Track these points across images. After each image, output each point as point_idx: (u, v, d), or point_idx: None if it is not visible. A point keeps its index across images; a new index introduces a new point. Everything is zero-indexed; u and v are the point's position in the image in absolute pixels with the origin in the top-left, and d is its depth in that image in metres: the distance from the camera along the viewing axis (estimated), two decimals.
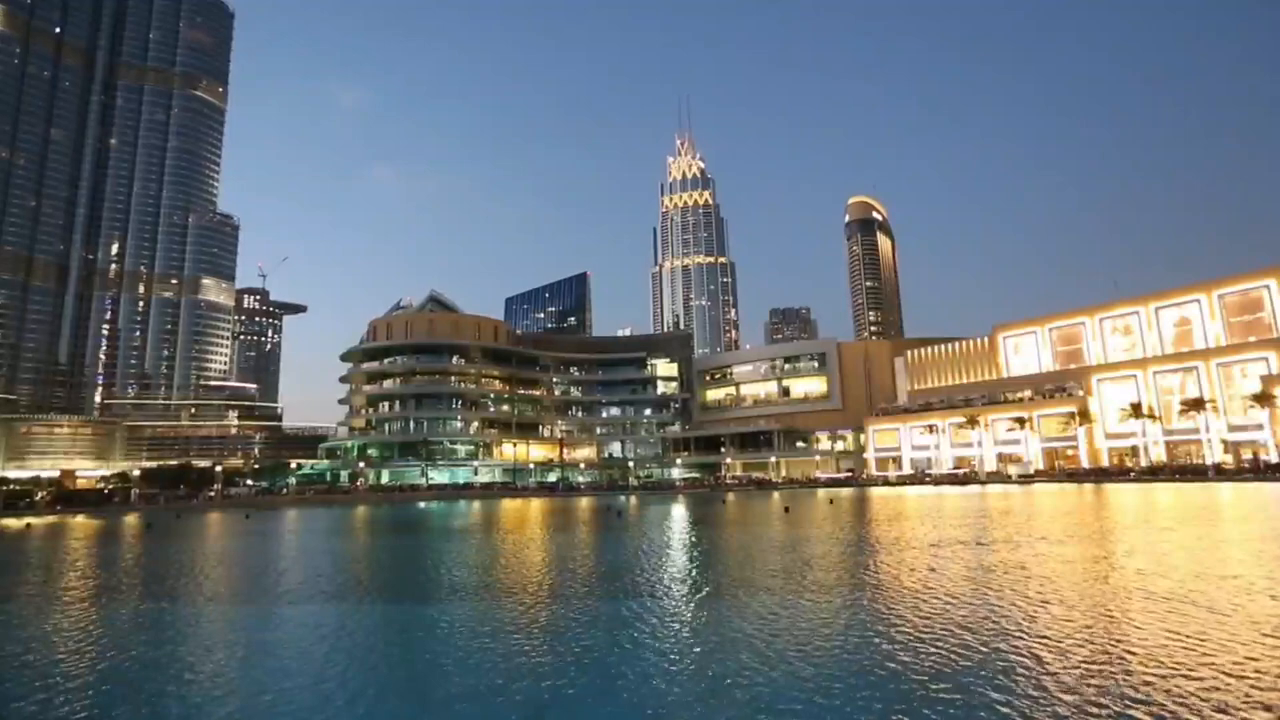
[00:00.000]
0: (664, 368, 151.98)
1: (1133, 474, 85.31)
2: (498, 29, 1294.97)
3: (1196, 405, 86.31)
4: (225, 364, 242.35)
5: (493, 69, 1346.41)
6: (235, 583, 25.31)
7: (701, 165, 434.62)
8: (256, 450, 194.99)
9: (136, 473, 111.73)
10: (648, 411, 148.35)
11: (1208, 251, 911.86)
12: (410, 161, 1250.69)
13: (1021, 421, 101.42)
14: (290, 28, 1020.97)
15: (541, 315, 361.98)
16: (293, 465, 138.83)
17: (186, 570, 27.87)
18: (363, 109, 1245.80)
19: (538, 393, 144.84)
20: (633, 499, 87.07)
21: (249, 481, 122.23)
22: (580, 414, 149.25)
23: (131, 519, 66.80)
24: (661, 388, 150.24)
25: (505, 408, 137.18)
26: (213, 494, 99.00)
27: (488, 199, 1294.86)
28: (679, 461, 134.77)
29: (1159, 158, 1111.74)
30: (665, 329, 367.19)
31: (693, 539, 36.78)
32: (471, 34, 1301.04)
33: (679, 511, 60.23)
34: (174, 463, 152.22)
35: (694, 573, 24.07)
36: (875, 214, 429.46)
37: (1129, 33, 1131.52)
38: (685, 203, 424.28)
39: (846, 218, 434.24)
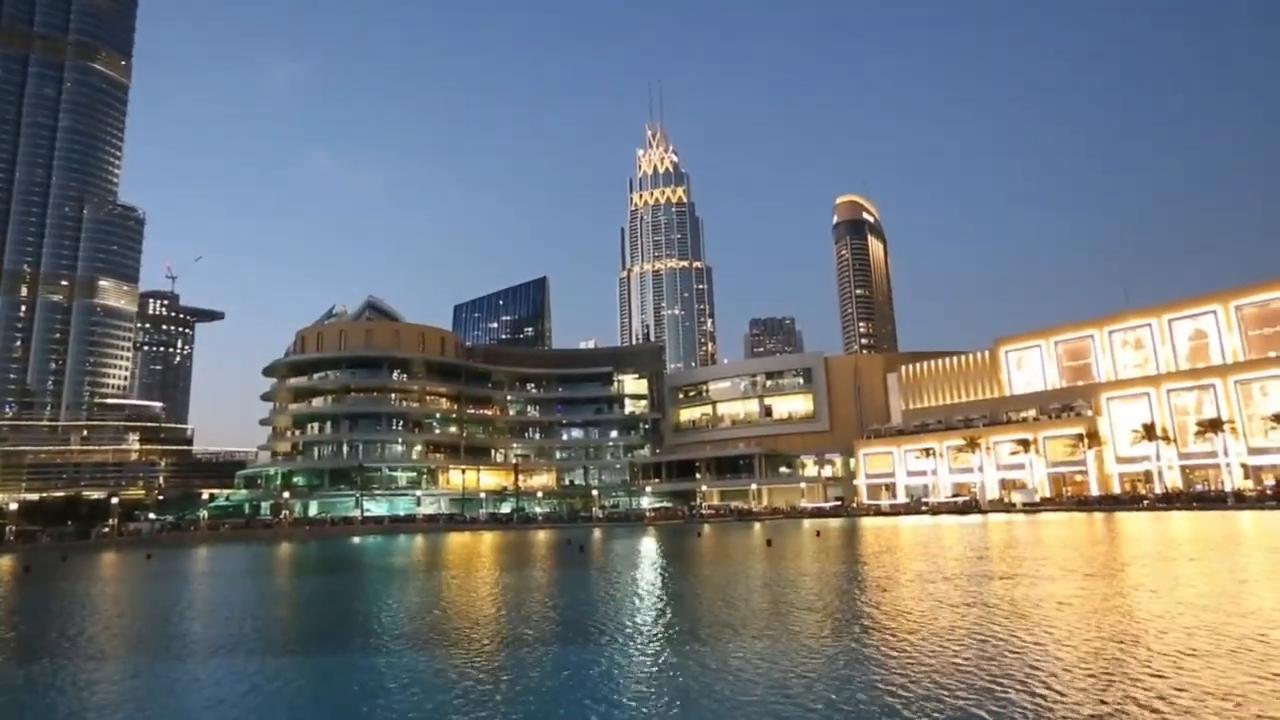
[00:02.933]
0: (632, 384, 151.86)
1: (1146, 502, 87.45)
2: (454, 3, 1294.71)
3: (1214, 426, 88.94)
4: (125, 379, 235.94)
5: (445, 46, 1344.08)
6: (128, 636, 24.30)
7: (674, 159, 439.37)
8: (161, 479, 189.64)
9: (14, 506, 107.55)
10: (614, 433, 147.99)
11: (1224, 259, 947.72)
12: (351, 148, 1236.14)
13: (1026, 444, 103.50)
14: None
15: (495, 325, 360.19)
16: (205, 496, 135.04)
17: (69, 621, 26.68)
18: (299, 87, 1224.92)
19: (490, 412, 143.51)
20: (597, 532, 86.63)
21: (152, 515, 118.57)
22: (538, 436, 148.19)
23: (5, 561, 64.14)
24: (629, 407, 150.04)
25: (452, 429, 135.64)
26: (107, 530, 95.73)
27: (435, 193, 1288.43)
28: (649, 489, 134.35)
29: (1172, 157, 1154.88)
30: (634, 341, 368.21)
31: (664, 577, 36.51)
32: (423, 8, 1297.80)
33: (649, 546, 59.97)
34: (61, 494, 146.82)
35: (666, 617, 23.81)
36: (866, 215, 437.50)
37: (1143, 28, 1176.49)
38: (656, 200, 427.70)
39: (834, 219, 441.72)
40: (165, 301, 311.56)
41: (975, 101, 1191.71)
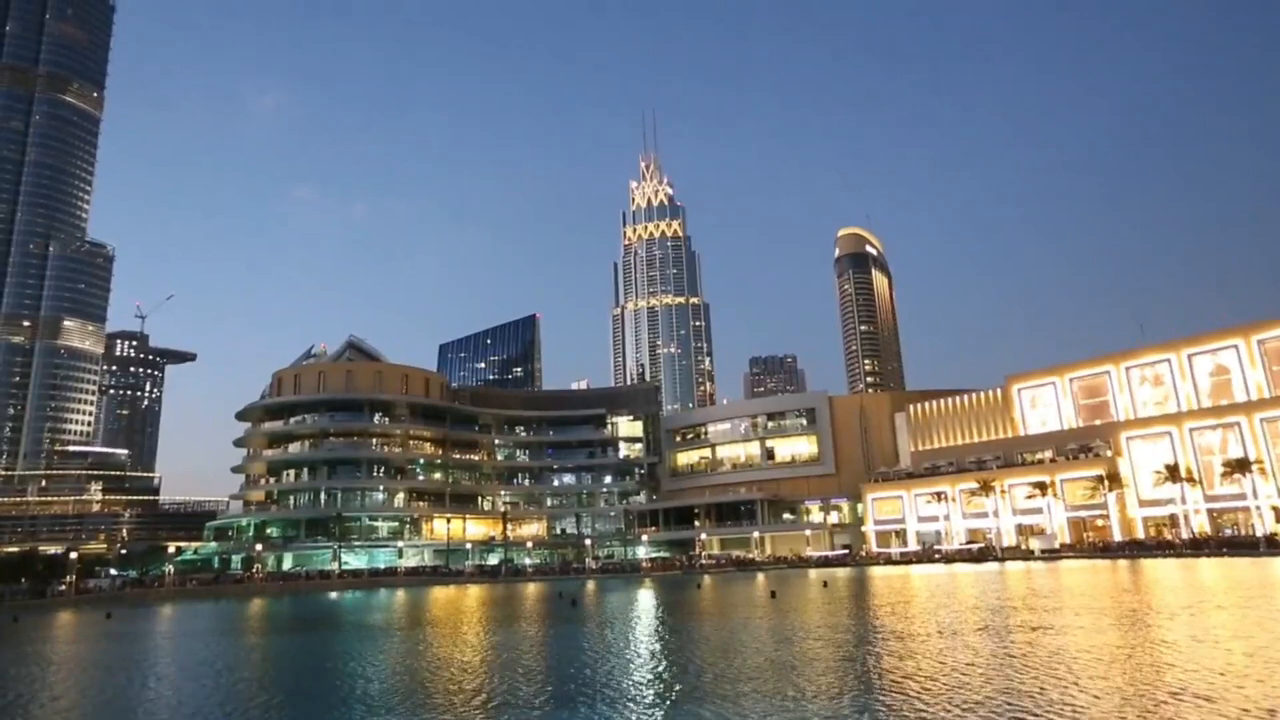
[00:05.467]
0: (627, 427, 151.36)
1: (1173, 548, 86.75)
2: (441, 33, 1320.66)
3: (1241, 467, 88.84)
4: (89, 424, 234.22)
5: (431, 75, 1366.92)
6: (81, 705, 23.52)
7: (669, 191, 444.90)
8: (125, 531, 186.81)
9: None
10: (608, 479, 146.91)
11: (1244, 291, 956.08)
12: (333, 182, 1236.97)
13: (1043, 487, 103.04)
14: (191, 21, 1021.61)
15: (482, 365, 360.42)
16: (171, 549, 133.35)
17: (15, 690, 25.83)
18: (280, 120, 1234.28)
19: (476, 457, 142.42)
20: (590, 584, 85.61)
21: (113, 571, 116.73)
22: (527, 482, 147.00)
23: None
24: (624, 450, 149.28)
25: (437, 476, 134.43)
26: (64, 588, 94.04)
27: (419, 227, 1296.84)
28: (645, 538, 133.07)
29: (1187, 187, 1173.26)
30: (628, 381, 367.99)
31: (662, 633, 35.82)
32: (408, 38, 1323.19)
33: (645, 599, 59.15)
34: (15, 549, 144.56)
35: (664, 676, 23.17)
36: (869, 248, 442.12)
37: (1152, 59, 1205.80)
38: (651, 234, 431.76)
39: (836, 252, 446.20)
40: (133, 342, 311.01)
41: (979, 131, 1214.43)
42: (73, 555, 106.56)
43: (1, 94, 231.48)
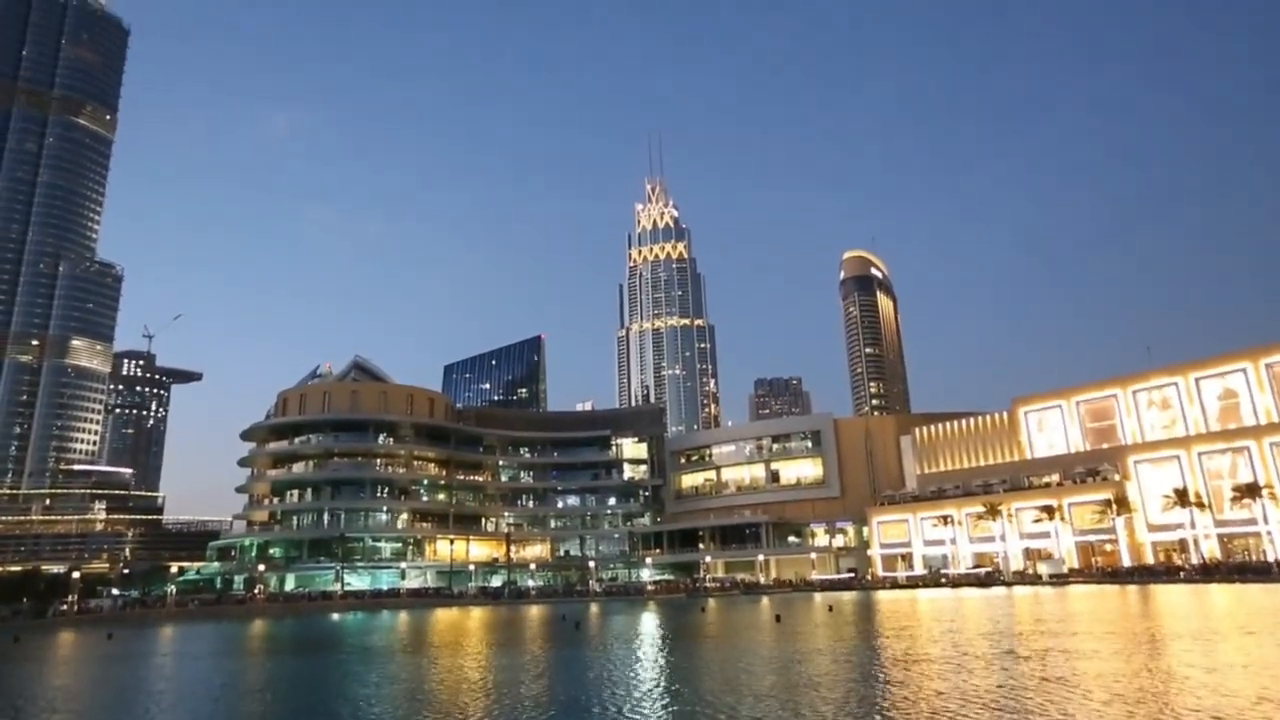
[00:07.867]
0: (631, 448, 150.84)
1: (1183, 573, 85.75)
2: (452, 55, 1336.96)
3: (1251, 492, 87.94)
4: (94, 443, 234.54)
5: (439, 98, 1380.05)
6: None
7: (675, 213, 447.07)
8: (128, 551, 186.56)
9: None
10: (612, 501, 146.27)
11: (1252, 315, 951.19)
12: (340, 204, 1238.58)
13: (1050, 511, 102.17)
14: (205, 41, 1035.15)
15: (487, 386, 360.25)
16: (174, 569, 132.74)
17: (15, 711, 25.50)
18: (290, 142, 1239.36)
19: (480, 478, 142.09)
20: (593, 607, 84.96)
21: (115, 591, 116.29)
22: (531, 504, 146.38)
23: None
24: (628, 472, 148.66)
25: (441, 497, 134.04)
26: (66, 607, 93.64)
27: (425, 248, 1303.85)
28: (649, 561, 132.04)
29: (1194, 209, 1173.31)
30: (633, 402, 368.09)
31: (666, 657, 35.37)
32: (423, 60, 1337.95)
33: (649, 622, 58.58)
34: (17, 568, 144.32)
35: (667, 701, 22.78)
36: (874, 271, 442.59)
37: (1152, 80, 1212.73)
38: (656, 256, 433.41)
39: (841, 275, 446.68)
40: (140, 361, 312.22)
41: (982, 155, 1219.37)
42: (75, 575, 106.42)
43: (17, 116, 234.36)
